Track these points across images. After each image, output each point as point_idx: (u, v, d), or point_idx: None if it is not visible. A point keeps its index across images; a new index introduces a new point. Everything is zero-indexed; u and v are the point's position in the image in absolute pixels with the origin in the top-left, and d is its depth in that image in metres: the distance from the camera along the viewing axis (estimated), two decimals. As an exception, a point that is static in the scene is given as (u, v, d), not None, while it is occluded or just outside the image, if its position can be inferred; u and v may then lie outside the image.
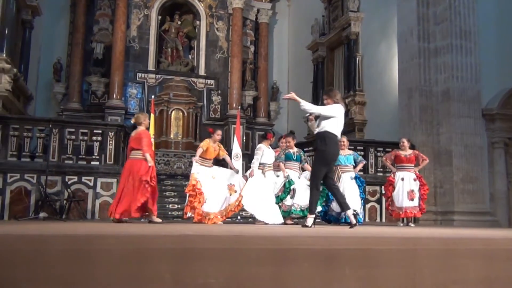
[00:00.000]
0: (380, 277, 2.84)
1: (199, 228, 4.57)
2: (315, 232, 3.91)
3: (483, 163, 10.62)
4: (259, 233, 3.41)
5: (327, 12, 16.23)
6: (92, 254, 2.38)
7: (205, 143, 7.29)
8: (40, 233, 2.72)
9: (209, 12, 16.76)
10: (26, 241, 2.40)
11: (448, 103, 10.50)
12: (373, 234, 3.65)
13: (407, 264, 2.93)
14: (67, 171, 9.12)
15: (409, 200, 8.00)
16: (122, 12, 15.23)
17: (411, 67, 11.04)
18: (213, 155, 7.34)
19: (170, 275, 2.45)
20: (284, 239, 2.92)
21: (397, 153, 8.31)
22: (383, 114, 12.66)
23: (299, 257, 2.71)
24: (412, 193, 8.03)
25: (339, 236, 3.24)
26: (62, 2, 16.20)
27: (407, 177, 8.09)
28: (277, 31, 19.11)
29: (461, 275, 3.05)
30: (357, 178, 8.05)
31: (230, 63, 16.53)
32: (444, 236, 3.63)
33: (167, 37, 16.45)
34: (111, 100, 14.78)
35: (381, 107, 12.85)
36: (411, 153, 8.26)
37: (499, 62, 11.08)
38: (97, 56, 15.30)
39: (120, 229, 3.60)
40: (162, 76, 15.96)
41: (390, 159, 8.39)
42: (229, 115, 15.67)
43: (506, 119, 10.97)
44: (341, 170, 8.00)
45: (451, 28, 10.62)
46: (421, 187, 8.15)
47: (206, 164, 7.30)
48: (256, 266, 2.61)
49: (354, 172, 8.03)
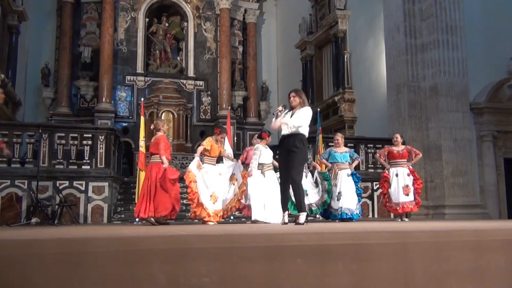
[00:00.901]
0: (373, 271, 2.87)
1: (192, 228, 4.58)
2: (307, 228, 3.94)
3: (472, 156, 10.72)
4: (252, 231, 3.43)
5: (314, 10, 16.29)
6: (86, 256, 2.38)
7: (208, 142, 7.35)
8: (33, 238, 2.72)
9: (197, 13, 16.76)
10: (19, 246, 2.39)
11: (436, 98, 10.59)
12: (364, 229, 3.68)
13: (398, 257, 2.96)
14: (58, 176, 9.07)
15: (405, 195, 8.09)
16: (109, 15, 15.18)
17: (398, 63, 11.12)
18: (217, 152, 7.38)
19: (164, 275, 2.46)
20: (276, 236, 2.94)
21: (390, 149, 8.40)
22: (373, 110, 12.74)
23: (292, 253, 2.73)
24: (407, 188, 8.11)
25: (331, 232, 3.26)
26: (48, 7, 16.12)
27: (401, 173, 8.18)
28: (265, 30, 19.15)
29: (453, 267, 3.08)
30: (354, 175, 8.16)
31: (219, 64, 16.54)
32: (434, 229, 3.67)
33: (155, 39, 16.42)
34: (101, 104, 14.72)
35: (370, 103, 12.93)
36: (403, 148, 8.34)
37: (485, 56, 11.19)
38: (85, 60, 15.25)
39: (112, 231, 3.60)
40: (151, 79, 15.93)
41: (384, 155, 8.47)
42: (219, 116, 15.68)
43: (494, 112, 11.08)
44: (338, 167, 8.09)
45: (437, 23, 10.70)
46: (414, 181, 8.25)
47: (211, 162, 7.32)
48: (249, 263, 2.62)
49: (350, 169, 8.11)
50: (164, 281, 2.45)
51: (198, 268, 2.51)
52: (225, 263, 2.58)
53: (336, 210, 7.91)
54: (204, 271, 2.51)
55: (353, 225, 5.24)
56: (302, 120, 5.59)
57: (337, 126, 14.19)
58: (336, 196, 7.94)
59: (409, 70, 10.90)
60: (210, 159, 7.29)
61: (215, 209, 7.06)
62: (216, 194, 7.12)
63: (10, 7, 12.59)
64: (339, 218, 7.86)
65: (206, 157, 7.25)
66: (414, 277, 2.96)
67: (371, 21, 12.97)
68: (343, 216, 7.79)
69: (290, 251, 2.74)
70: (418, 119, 10.79)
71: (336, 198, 7.94)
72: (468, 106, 10.85)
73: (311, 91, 16.24)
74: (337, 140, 8.32)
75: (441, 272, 3.02)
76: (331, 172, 8.15)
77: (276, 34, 19.35)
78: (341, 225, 5.40)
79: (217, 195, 7.12)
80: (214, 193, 7.10)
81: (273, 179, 7.43)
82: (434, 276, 3.00)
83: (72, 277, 2.32)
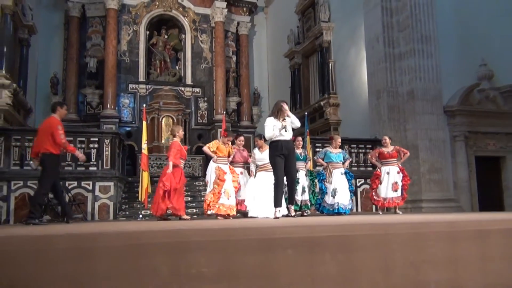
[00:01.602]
0: (357, 260, 2.89)
1: (191, 223, 4.58)
2: (297, 222, 3.95)
3: (446, 155, 10.77)
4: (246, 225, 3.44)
5: (301, 23, 16.33)
6: (94, 250, 2.38)
7: (213, 144, 7.38)
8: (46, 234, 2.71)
9: (193, 26, 16.75)
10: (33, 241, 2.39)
11: (413, 102, 10.63)
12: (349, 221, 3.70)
13: (380, 247, 2.98)
14: (67, 176, 9.01)
15: (393, 191, 8.24)
16: (113, 28, 15.14)
17: (378, 70, 11.16)
18: (225, 151, 7.38)
19: (166, 267, 2.46)
20: (269, 229, 2.95)
21: (380, 150, 8.54)
22: (355, 114, 12.78)
23: (283, 245, 2.75)
24: (396, 184, 8.27)
25: (320, 224, 3.28)
26: (56, 21, 16.04)
27: (391, 171, 8.32)
28: (256, 41, 19.18)
29: (429, 256, 3.10)
30: (347, 173, 8.22)
31: (214, 72, 16.54)
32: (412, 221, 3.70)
33: (155, 50, 16.39)
34: (106, 110, 14.66)
35: (353, 107, 12.96)
36: (392, 149, 8.48)
37: (457, 63, 11.26)
38: (91, 69, 15.19)
39: (118, 227, 3.59)
40: (152, 86, 15.89)
41: (375, 156, 8.62)
42: (215, 120, 15.68)
43: (466, 115, 11.14)
44: (332, 166, 8.14)
45: (413, 34, 10.76)
46: (403, 178, 8.37)
47: (223, 162, 7.33)
48: (244, 255, 2.63)
49: (343, 167, 8.17)
50: (166, 272, 2.45)
51: (198, 259, 2.52)
52: (222, 255, 2.59)
53: (331, 205, 7.96)
54: (203, 262, 2.52)
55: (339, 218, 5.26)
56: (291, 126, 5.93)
57: (323, 129, 14.23)
58: (331, 193, 7.98)
59: (388, 77, 10.94)
60: (220, 159, 7.32)
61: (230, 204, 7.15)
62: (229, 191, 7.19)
63: (21, 22, 12.51)
64: (333, 212, 7.92)
65: (218, 158, 7.31)
66: (395, 265, 2.98)
67: (353, 32, 13.02)
68: (340, 210, 7.85)
69: (281, 243, 2.75)
70: (396, 122, 10.83)
71: (330, 194, 7.98)
72: (442, 109, 10.91)
73: (299, 96, 16.28)
74: (338, 141, 8.40)
75: (419, 261, 3.05)
76: (326, 171, 8.19)
77: (267, 45, 19.38)
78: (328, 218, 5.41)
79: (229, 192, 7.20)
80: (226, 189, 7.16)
81: (265, 179, 7.27)
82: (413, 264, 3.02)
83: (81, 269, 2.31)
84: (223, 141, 7.45)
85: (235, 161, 7.69)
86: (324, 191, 8.09)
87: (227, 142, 7.46)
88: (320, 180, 8.23)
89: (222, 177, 7.09)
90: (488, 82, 11.47)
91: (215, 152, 7.30)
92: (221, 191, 7.08)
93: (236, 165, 7.67)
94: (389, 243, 3.03)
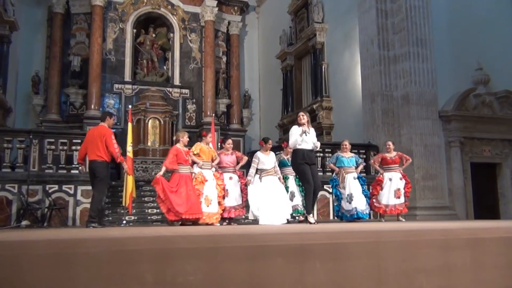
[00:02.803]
0: (348, 268, 2.91)
1: (177, 229, 4.57)
2: (287, 229, 3.96)
3: (441, 161, 10.86)
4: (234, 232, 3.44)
5: (294, 23, 16.40)
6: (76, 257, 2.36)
7: (196, 146, 7.36)
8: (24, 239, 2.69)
9: (182, 25, 16.73)
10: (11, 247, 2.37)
11: (408, 107, 10.72)
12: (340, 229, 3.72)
13: (372, 255, 3.00)
14: (48, 180, 8.94)
15: (396, 198, 8.34)
16: (98, 26, 15.06)
17: (373, 73, 11.24)
18: (208, 155, 7.35)
19: (151, 275, 2.46)
20: (258, 236, 2.96)
21: (383, 156, 8.68)
22: (349, 118, 12.84)
23: (273, 252, 2.76)
24: (399, 191, 8.39)
25: (310, 232, 3.29)
26: (39, 17, 15.92)
27: (394, 177, 8.44)
28: (248, 41, 19.21)
29: (422, 264, 3.14)
30: (360, 178, 8.31)
31: (203, 73, 16.52)
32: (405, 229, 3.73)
33: (143, 49, 16.34)
34: (89, 111, 14.55)
35: (347, 111, 13.03)
36: (395, 154, 8.62)
37: (452, 67, 11.39)
38: (74, 68, 15.07)
39: (101, 233, 3.57)
40: (139, 87, 15.82)
41: (377, 161, 8.72)
42: (204, 123, 15.65)
43: (461, 120, 11.24)
44: (344, 171, 8.23)
45: (408, 37, 10.86)
46: (405, 185, 8.52)
47: (206, 167, 7.32)
48: (232, 262, 2.64)
49: (356, 172, 8.21)
50: (152, 280, 2.44)
51: (184, 267, 2.52)
52: (210, 263, 2.59)
53: (348, 211, 8.03)
54: (190, 270, 2.52)
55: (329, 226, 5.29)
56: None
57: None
58: (347, 198, 8.03)
59: (383, 80, 11.02)
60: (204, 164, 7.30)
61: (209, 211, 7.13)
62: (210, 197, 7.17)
63: (2, 17, 12.40)
64: (352, 218, 7.97)
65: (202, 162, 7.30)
66: (387, 274, 3.00)
67: (347, 34, 13.11)
68: (359, 215, 7.92)
69: (271, 250, 2.76)
70: (391, 126, 10.91)
71: (346, 200, 8.03)
72: (437, 114, 11.00)
73: (291, 99, 16.33)
74: (345, 145, 8.47)
75: (411, 269, 3.08)
76: (338, 176, 8.23)
77: (258, 45, 19.42)
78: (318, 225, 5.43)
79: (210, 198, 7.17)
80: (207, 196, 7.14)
81: (272, 184, 7.27)
82: (405, 273, 3.05)
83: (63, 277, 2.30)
84: (206, 142, 7.45)
85: (223, 166, 7.60)
86: (340, 197, 8.18)
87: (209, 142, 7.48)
88: (334, 186, 8.31)
89: (199, 182, 7.11)
90: (484, 86, 11.59)
91: (199, 155, 7.29)
92: (201, 198, 7.08)
93: (224, 170, 7.59)
94: (381, 251, 3.06)
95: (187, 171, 7.29)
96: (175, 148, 7.33)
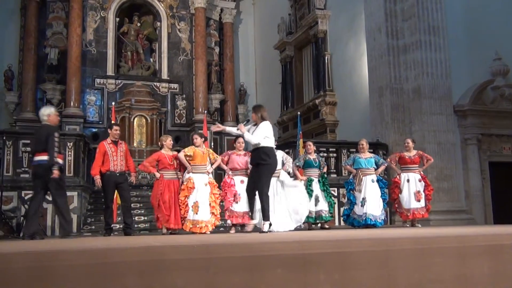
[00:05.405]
0: (355, 280, 2.92)
1: (167, 239, 4.57)
2: (287, 237, 3.97)
3: (456, 160, 10.88)
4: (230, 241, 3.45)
5: (293, 10, 16.42)
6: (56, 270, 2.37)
7: (189, 148, 7.46)
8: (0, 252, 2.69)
9: (170, 13, 16.73)
10: (-16, 261, 2.37)
11: (420, 101, 10.74)
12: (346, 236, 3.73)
13: (380, 265, 3.02)
14: (24, 185, 8.91)
15: (416, 201, 8.30)
16: (77, 14, 15.02)
17: (380, 65, 11.27)
18: (202, 158, 7.37)
19: (139, 289, 2.47)
20: (255, 246, 2.97)
21: (401, 154, 8.60)
22: (355, 114, 12.86)
23: (272, 263, 2.77)
24: (419, 194, 8.34)
25: (312, 240, 3.30)
26: (11, 5, 15.89)
27: (412, 178, 8.39)
28: (243, 31, 19.22)
29: (437, 274, 3.15)
30: (380, 180, 8.28)
31: (194, 66, 16.52)
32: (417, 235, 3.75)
33: (126, 40, 16.32)
34: (68, 109, 14.54)
35: (352, 106, 13.05)
36: (415, 153, 8.56)
37: (468, 57, 11.40)
38: (51, 62, 15.04)
39: (83, 244, 3.58)
40: (123, 81, 15.82)
41: (395, 160, 8.66)
42: (195, 120, 15.64)
43: (478, 115, 11.28)
44: (362, 173, 8.21)
45: (419, 24, 10.88)
46: (426, 187, 8.46)
47: (199, 170, 7.34)
48: (228, 274, 2.65)
49: (376, 174, 8.22)
50: (139, 294, 2.46)
51: (174, 280, 2.53)
52: (202, 275, 2.60)
53: (359, 216, 8.04)
54: (181, 284, 2.53)
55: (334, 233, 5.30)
56: (260, 136, 6.20)
57: (319, 130, 14.30)
58: (360, 202, 8.04)
59: (392, 72, 11.04)
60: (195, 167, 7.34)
61: (194, 219, 7.16)
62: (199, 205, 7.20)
63: (-30, 6, 12.40)
64: (362, 224, 7.97)
65: (192, 166, 7.33)
66: (397, 285, 3.02)
67: (352, 21, 13.13)
68: (368, 222, 7.89)
69: (270, 261, 2.77)
70: (401, 122, 10.93)
71: (360, 204, 8.04)
72: (452, 108, 11.02)
73: (291, 93, 16.35)
74: (362, 145, 8.42)
75: (424, 280, 3.09)
76: (355, 178, 8.23)
77: (254, 35, 19.43)
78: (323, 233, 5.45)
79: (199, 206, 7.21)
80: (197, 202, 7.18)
81: (272, 187, 7.15)
82: (418, 284, 3.07)
83: (41, 292, 2.31)
84: (196, 145, 7.46)
85: (234, 168, 7.53)
86: (353, 202, 8.19)
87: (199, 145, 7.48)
88: (348, 190, 8.30)
89: (187, 187, 7.19)
90: (503, 78, 11.61)
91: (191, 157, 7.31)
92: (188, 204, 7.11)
93: (236, 173, 7.52)
94: (391, 261, 3.07)
95: (173, 176, 7.48)
96: (158, 153, 7.62)
